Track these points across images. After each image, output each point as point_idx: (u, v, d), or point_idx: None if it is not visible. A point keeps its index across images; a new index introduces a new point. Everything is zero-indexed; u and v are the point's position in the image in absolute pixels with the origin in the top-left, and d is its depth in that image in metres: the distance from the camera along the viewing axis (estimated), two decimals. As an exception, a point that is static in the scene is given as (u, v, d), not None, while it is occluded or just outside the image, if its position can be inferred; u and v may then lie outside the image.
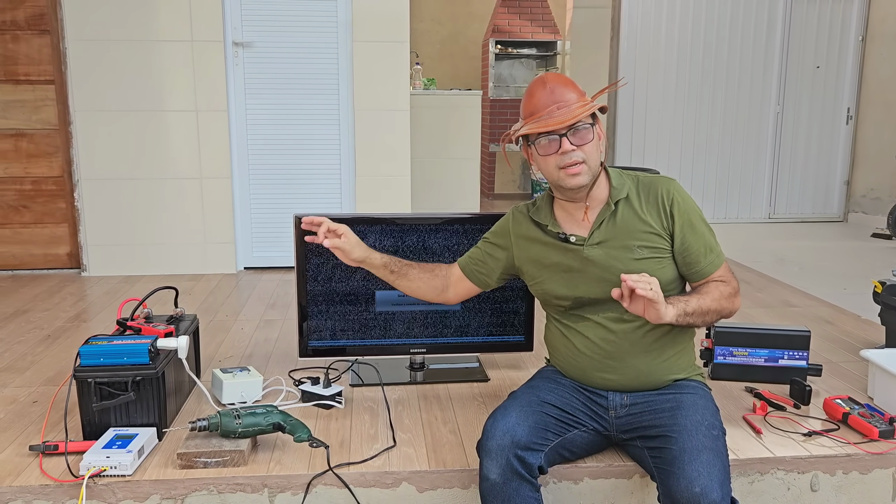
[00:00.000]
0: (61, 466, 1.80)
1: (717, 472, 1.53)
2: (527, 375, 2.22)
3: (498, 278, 1.98)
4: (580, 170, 1.70)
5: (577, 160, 1.69)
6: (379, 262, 1.96)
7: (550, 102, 1.69)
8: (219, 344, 2.80)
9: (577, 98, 1.71)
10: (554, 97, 1.69)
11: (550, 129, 1.68)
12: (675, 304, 1.64)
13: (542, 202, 1.88)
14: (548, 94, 1.70)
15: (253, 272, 4.10)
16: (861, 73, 6.40)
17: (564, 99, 1.69)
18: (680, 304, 1.65)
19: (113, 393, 1.88)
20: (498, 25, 7.68)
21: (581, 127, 1.69)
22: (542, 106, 1.70)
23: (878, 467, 1.91)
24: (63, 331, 2.97)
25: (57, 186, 3.98)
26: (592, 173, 1.73)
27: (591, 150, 1.70)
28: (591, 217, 1.78)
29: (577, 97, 1.71)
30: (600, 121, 1.77)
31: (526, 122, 1.73)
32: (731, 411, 2.14)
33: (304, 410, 2.16)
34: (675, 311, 1.62)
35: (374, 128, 4.08)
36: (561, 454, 1.76)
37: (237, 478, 1.78)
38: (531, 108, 1.72)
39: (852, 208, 6.58)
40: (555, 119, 1.67)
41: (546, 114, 1.69)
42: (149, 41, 3.82)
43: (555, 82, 1.71)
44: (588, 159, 1.70)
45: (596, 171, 1.74)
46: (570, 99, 1.70)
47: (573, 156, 1.69)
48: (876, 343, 2.79)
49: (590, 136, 1.70)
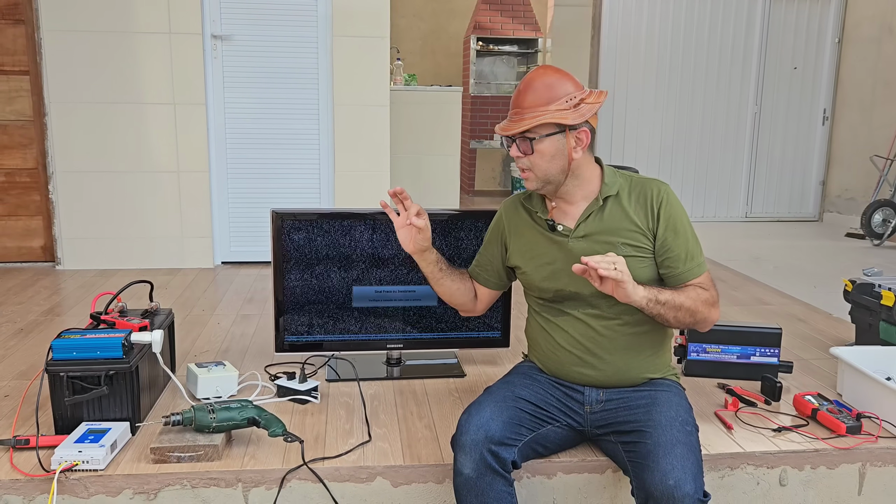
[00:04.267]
0: (32, 461, 1.78)
1: (690, 466, 1.55)
2: (503, 371, 2.23)
3: (506, 275, 1.99)
4: (527, 176, 1.75)
5: (522, 167, 1.75)
6: (434, 257, 1.93)
7: (515, 105, 1.73)
8: (195, 339, 2.78)
9: (545, 104, 1.68)
10: (518, 100, 1.72)
11: (502, 134, 1.73)
12: (647, 289, 1.66)
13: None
14: (517, 96, 1.74)
15: (230, 267, 4.08)
16: (837, 74, 6.48)
17: (525, 105, 1.70)
18: (653, 290, 1.67)
19: (85, 387, 1.86)
20: (479, 22, 7.68)
21: (523, 140, 1.71)
22: (512, 105, 1.75)
23: (845, 462, 1.95)
24: (36, 324, 2.94)
25: (31, 179, 3.93)
26: (542, 181, 1.75)
27: (536, 161, 1.72)
28: (577, 212, 1.80)
29: (555, 98, 1.68)
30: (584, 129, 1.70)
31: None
32: (703, 407, 2.17)
33: (280, 406, 2.16)
34: (646, 293, 1.64)
35: (353, 123, 4.07)
36: (534, 449, 1.77)
37: (211, 472, 1.77)
38: (511, 104, 1.77)
39: (827, 208, 6.67)
40: (506, 124, 1.73)
41: (509, 115, 1.74)
42: (126, 33, 3.78)
43: (527, 84, 1.72)
44: (534, 168, 1.73)
45: (547, 179, 1.74)
46: (535, 103, 1.69)
47: (520, 162, 1.75)
48: (846, 341, 2.83)
49: (529, 149, 1.71)
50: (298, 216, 2.31)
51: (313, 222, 2.32)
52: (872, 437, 1.97)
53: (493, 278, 2.00)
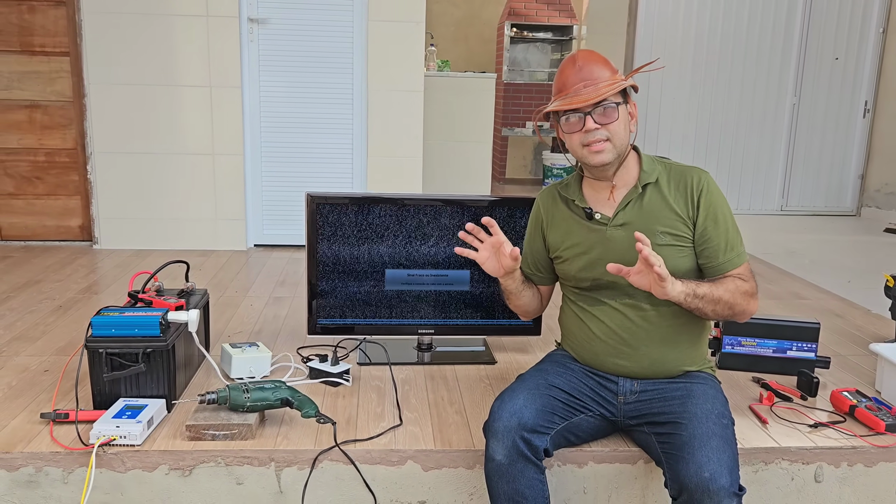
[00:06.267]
0: (72, 434, 1.82)
1: (726, 459, 1.53)
2: (534, 359, 2.23)
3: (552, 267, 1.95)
4: (603, 147, 1.70)
5: (600, 138, 1.69)
6: (519, 275, 1.88)
7: (578, 80, 1.69)
8: (228, 319, 2.82)
9: (609, 76, 1.70)
10: (582, 75, 1.69)
11: (575, 107, 1.68)
12: (685, 283, 1.63)
13: (571, 179, 1.88)
14: (576, 72, 1.70)
15: (263, 249, 4.11)
16: (880, 65, 6.31)
17: (593, 77, 1.69)
18: (690, 284, 1.64)
19: (124, 364, 1.89)
20: (514, 8, 7.61)
21: (607, 105, 1.68)
22: (570, 83, 1.70)
23: (884, 461, 1.91)
24: (74, 302, 2.99)
25: (70, 159, 4.00)
26: (618, 152, 1.72)
27: (616, 129, 1.70)
28: (618, 198, 1.78)
29: (609, 75, 1.70)
30: (633, 100, 1.76)
31: (555, 99, 1.74)
32: (737, 401, 2.14)
33: (312, 387, 2.18)
34: (684, 288, 1.62)
35: (387, 108, 4.06)
36: (567, 438, 1.76)
37: (244, 451, 1.80)
38: (560, 85, 1.73)
39: (865, 203, 6.52)
40: (580, 97, 1.67)
41: (573, 91, 1.69)
42: (164, 15, 3.81)
43: (585, 60, 1.71)
44: (613, 138, 1.70)
45: (622, 149, 1.73)
46: (600, 77, 1.69)
47: (597, 134, 1.69)
48: (885, 338, 2.78)
49: (615, 114, 1.69)
50: (333, 200, 2.32)
51: (347, 206, 2.32)
52: (912, 436, 1.93)
53: (548, 274, 1.96)
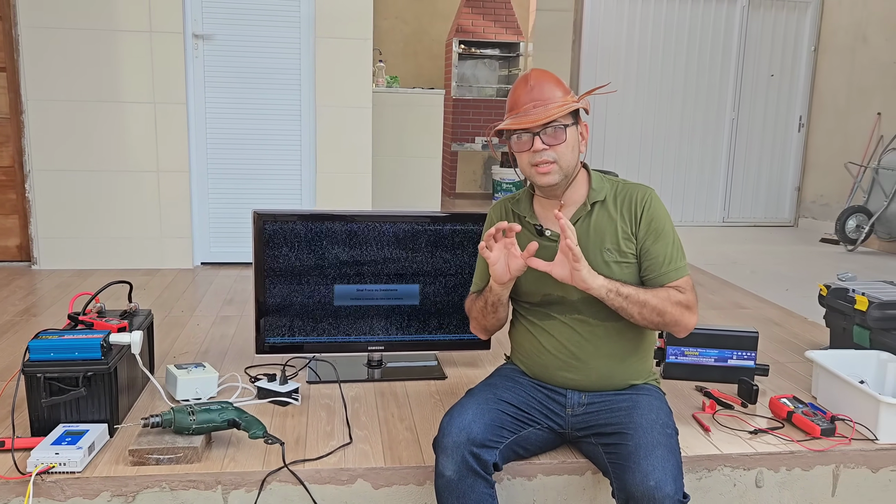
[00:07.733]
0: (8, 463, 1.75)
1: (671, 468, 1.57)
2: (484, 373, 2.24)
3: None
4: (549, 169, 1.72)
5: (547, 159, 1.71)
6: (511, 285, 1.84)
7: (529, 100, 1.72)
8: (174, 340, 2.76)
9: (560, 97, 1.73)
10: (532, 95, 1.72)
11: (524, 127, 1.70)
12: (609, 280, 1.68)
13: (522, 195, 1.91)
14: (528, 92, 1.73)
15: (210, 267, 4.05)
16: (813, 82, 6.59)
17: (543, 97, 1.72)
18: (615, 282, 1.69)
19: (63, 388, 1.84)
20: (462, 25, 7.70)
21: (556, 127, 1.70)
22: (521, 102, 1.73)
23: (820, 464, 1.98)
24: (11, 325, 2.90)
25: (7, 177, 3.88)
26: (564, 173, 1.75)
27: (563, 151, 1.72)
28: (567, 215, 1.80)
29: (560, 95, 1.73)
30: (584, 122, 1.79)
31: (507, 117, 1.76)
32: (681, 409, 2.19)
33: (260, 407, 2.15)
34: (606, 283, 1.67)
35: (335, 124, 4.06)
36: (516, 451, 1.78)
37: (190, 474, 1.76)
38: (512, 103, 1.76)
39: (802, 213, 6.77)
40: (529, 117, 1.70)
41: (523, 111, 1.72)
42: (106, 31, 3.74)
43: (537, 79, 1.74)
44: (560, 159, 1.72)
45: (569, 171, 1.76)
46: (551, 97, 1.72)
47: (544, 155, 1.71)
48: (821, 344, 2.88)
49: (563, 136, 1.72)
50: (280, 217, 2.30)
51: (295, 223, 2.31)
52: (846, 440, 2.01)
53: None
